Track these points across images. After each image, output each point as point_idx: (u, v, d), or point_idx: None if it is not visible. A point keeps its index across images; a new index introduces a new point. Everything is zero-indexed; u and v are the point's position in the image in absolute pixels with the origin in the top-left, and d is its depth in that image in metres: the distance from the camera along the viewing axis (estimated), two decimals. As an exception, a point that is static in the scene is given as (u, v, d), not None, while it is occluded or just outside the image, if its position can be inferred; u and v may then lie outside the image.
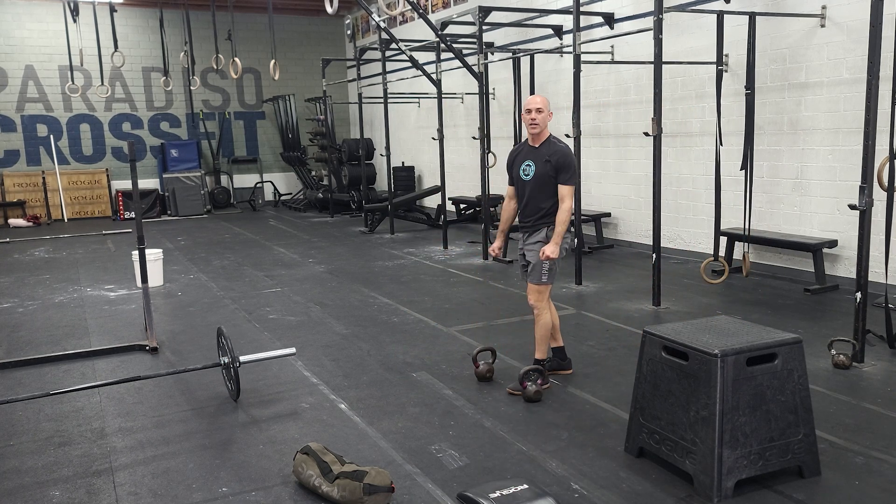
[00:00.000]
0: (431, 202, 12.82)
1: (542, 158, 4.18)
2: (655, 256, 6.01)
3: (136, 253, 6.75)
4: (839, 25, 6.31)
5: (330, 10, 7.48)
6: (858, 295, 4.49)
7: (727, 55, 7.13)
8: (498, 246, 4.47)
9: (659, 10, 5.70)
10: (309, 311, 6.32)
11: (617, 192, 9.04)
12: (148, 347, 5.26)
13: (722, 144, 6.87)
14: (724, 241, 7.09)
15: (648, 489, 3.05)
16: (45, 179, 14.00)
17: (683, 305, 6.10)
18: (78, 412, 4.11)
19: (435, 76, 9.21)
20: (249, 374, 4.58)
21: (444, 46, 8.52)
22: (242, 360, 4.17)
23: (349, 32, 15.96)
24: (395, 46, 9.74)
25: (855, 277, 4.56)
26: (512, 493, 2.66)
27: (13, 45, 13.76)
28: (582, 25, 6.72)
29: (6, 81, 13.81)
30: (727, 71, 7.19)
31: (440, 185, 9.64)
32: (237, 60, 9.26)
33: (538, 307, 4.26)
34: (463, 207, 11.85)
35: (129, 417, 4.02)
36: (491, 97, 10.98)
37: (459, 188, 12.31)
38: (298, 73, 16.10)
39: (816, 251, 6.37)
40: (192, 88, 14.55)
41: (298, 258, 9.04)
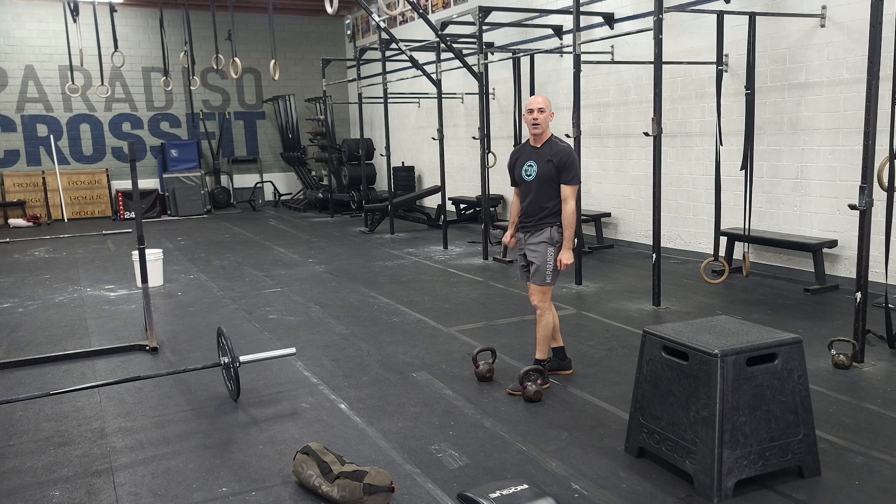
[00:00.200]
0: (431, 202, 12.82)
1: (544, 158, 4.17)
2: (655, 256, 6.01)
3: (136, 253, 6.75)
4: (839, 25, 6.31)
5: (330, 10, 7.48)
6: (858, 295, 4.49)
7: (727, 55, 7.13)
8: (511, 234, 4.48)
9: (659, 10, 5.70)
10: (309, 311, 6.32)
11: (617, 192, 9.04)
12: (148, 347, 5.26)
13: (722, 144, 6.87)
14: (724, 241, 7.09)
15: (648, 489, 3.05)
16: (45, 179, 14.00)
17: (683, 305, 6.10)
18: (78, 412, 4.11)
19: (435, 76, 9.21)
20: (249, 374, 4.58)
21: (444, 46, 8.52)
22: (242, 360, 4.17)
23: (349, 32, 15.97)
24: (395, 46, 9.74)
25: (855, 277, 4.56)
26: (512, 493, 2.66)
27: (13, 45, 13.76)
28: (582, 25, 6.72)
29: (6, 81, 13.82)
30: (727, 71, 7.19)
31: (440, 185, 9.64)
32: (237, 60, 9.26)
33: (542, 307, 4.27)
34: (463, 207, 11.85)
35: (129, 417, 4.03)
36: (491, 97, 10.98)
37: (459, 188, 12.31)
38: (298, 73, 16.10)
39: (816, 251, 6.37)
40: (192, 88, 14.56)
41: (298, 258, 9.04)
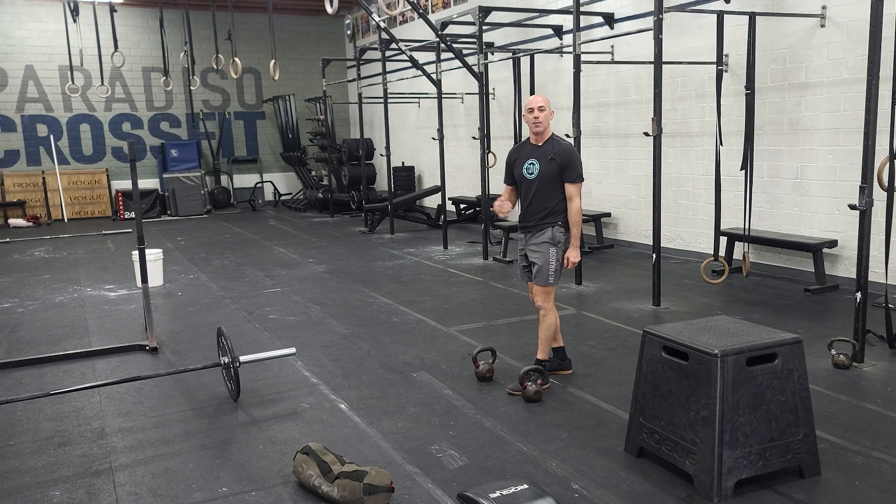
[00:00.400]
0: (431, 202, 12.82)
1: (546, 157, 4.17)
2: (655, 256, 6.01)
3: (136, 253, 6.75)
4: (839, 25, 6.31)
5: (330, 10, 7.48)
6: (858, 295, 4.49)
7: (727, 55, 7.13)
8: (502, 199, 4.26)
9: (659, 10, 5.70)
10: (309, 311, 6.32)
11: (617, 192, 9.04)
12: (148, 347, 5.26)
13: (722, 144, 6.87)
14: (724, 241, 7.09)
15: (648, 489, 3.05)
16: (45, 179, 14.00)
17: (683, 305, 6.10)
18: (78, 412, 4.11)
19: (435, 76, 9.21)
20: (249, 374, 4.58)
21: (444, 46, 8.52)
22: (242, 360, 4.17)
23: (349, 32, 15.97)
24: (395, 46, 9.74)
25: (855, 277, 4.56)
26: (512, 493, 2.66)
27: (13, 45, 13.76)
28: (582, 25, 6.72)
29: (6, 81, 13.82)
30: (727, 71, 7.19)
31: (440, 185, 9.64)
32: (237, 60, 9.26)
33: (545, 308, 4.26)
34: (463, 207, 11.84)
35: (129, 417, 4.03)
36: (491, 97, 10.98)
37: (459, 188, 12.31)
38: (298, 73, 16.10)
39: (816, 251, 6.37)
40: (192, 88, 14.56)
41: (298, 258, 9.04)
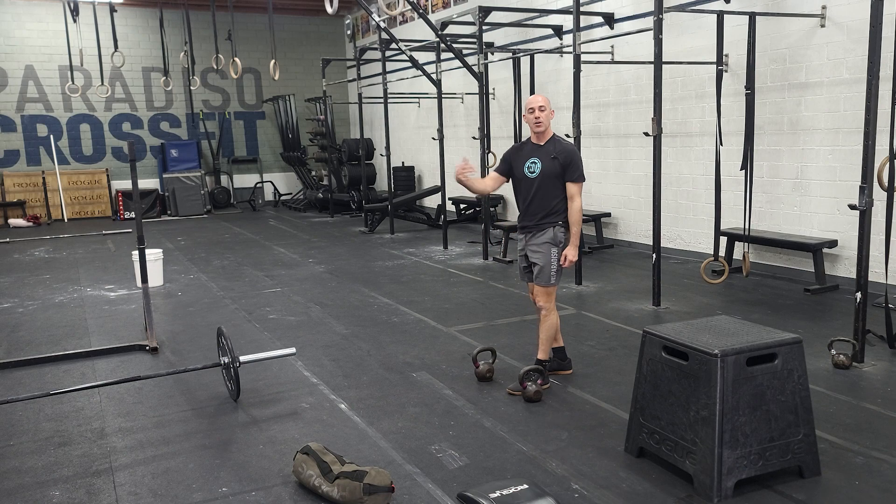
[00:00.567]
0: (431, 202, 12.82)
1: (548, 156, 4.17)
2: (655, 256, 6.01)
3: (136, 253, 6.75)
4: (839, 25, 6.31)
5: (330, 10, 7.48)
6: (858, 295, 4.49)
7: (727, 55, 7.13)
8: (463, 167, 4.31)
9: (659, 10, 5.70)
10: (309, 311, 6.31)
11: (617, 192, 9.04)
12: (148, 347, 5.26)
13: (722, 144, 6.87)
14: (724, 241, 7.09)
15: (648, 489, 3.05)
16: (45, 179, 14.00)
17: (683, 305, 6.10)
18: (78, 412, 4.11)
19: (435, 76, 9.21)
20: (249, 374, 4.58)
21: (444, 46, 8.52)
22: (242, 360, 4.17)
23: (349, 32, 15.97)
24: (395, 46, 9.74)
25: (855, 277, 4.56)
26: (512, 493, 2.66)
27: (13, 45, 13.76)
28: (582, 25, 6.72)
29: (6, 81, 13.81)
30: (727, 71, 7.19)
31: (440, 185, 9.64)
32: (237, 60, 9.26)
33: (547, 308, 4.27)
34: (463, 207, 11.85)
35: (129, 417, 4.03)
36: (491, 97, 10.98)
37: (459, 188, 12.27)
38: (298, 73, 16.10)
39: (816, 251, 6.37)
40: (192, 88, 14.56)
41: (298, 258, 9.04)
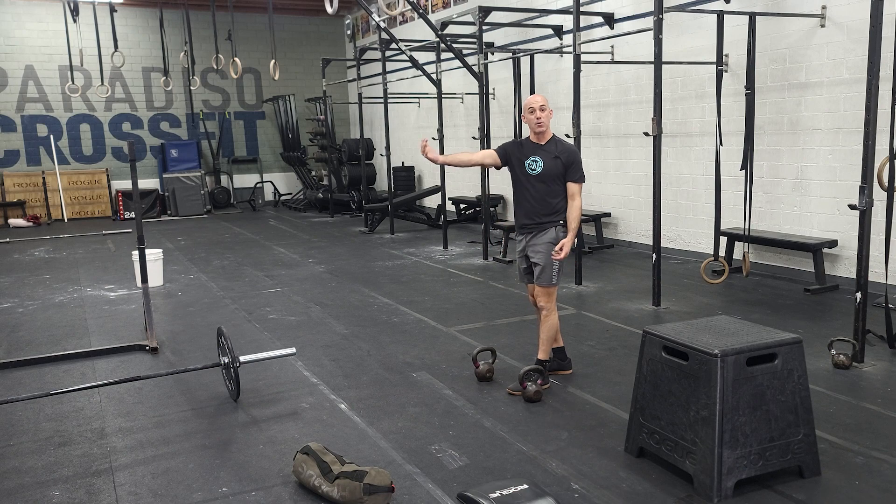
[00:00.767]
0: (431, 202, 12.82)
1: (550, 155, 4.18)
2: (655, 256, 6.01)
3: (136, 253, 6.75)
4: (839, 25, 6.31)
5: (330, 10, 7.48)
6: (858, 295, 4.49)
7: (727, 55, 7.13)
8: (427, 146, 4.15)
9: (659, 10, 5.70)
10: (309, 311, 6.31)
11: (617, 192, 9.04)
12: (148, 347, 5.26)
13: (722, 144, 6.87)
14: (724, 241, 7.09)
15: (648, 489, 3.05)
16: (45, 179, 14.00)
17: (683, 305, 6.10)
18: (78, 412, 4.11)
19: (435, 76, 9.21)
20: (249, 374, 4.58)
21: (444, 46, 8.52)
22: (242, 360, 4.17)
23: (349, 32, 15.97)
24: (395, 46, 9.74)
25: (855, 277, 4.56)
26: (512, 493, 2.66)
27: (13, 45, 13.76)
28: (582, 25, 6.72)
29: (6, 81, 13.81)
30: (727, 71, 7.19)
31: (440, 185, 9.64)
32: (237, 60, 9.26)
33: (548, 308, 4.27)
34: (463, 207, 11.85)
35: (129, 417, 4.03)
36: (491, 97, 10.97)
37: (459, 188, 12.31)
38: (298, 73, 16.10)
39: (816, 251, 6.37)
40: (192, 88, 14.56)
41: (298, 258, 9.04)
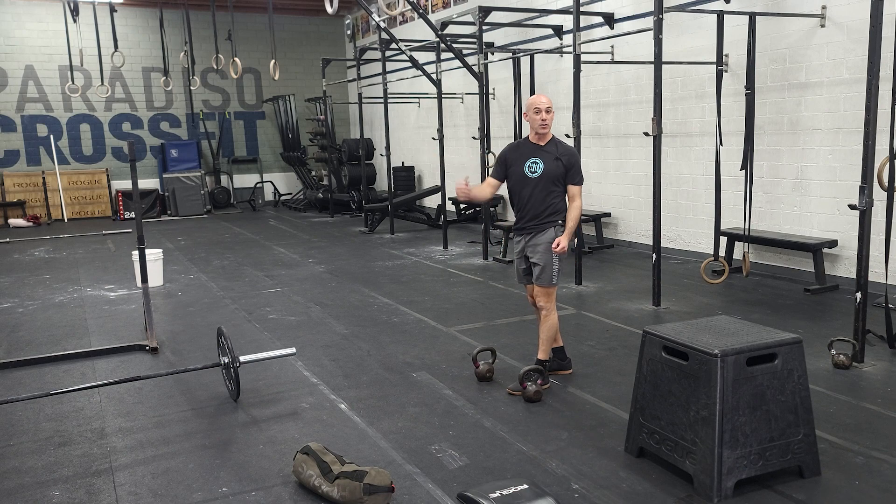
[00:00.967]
0: (431, 202, 12.81)
1: (551, 156, 4.19)
2: (655, 256, 6.01)
3: (136, 253, 6.75)
4: (839, 25, 6.31)
5: (330, 10, 7.48)
6: (858, 295, 4.49)
7: (727, 55, 7.13)
8: (465, 182, 4.21)
9: (659, 10, 5.70)
10: (309, 311, 6.31)
11: (617, 192, 9.04)
12: (148, 347, 5.26)
13: (722, 144, 6.87)
14: (724, 241, 7.09)
15: (648, 489, 3.05)
16: (45, 179, 14.00)
17: (683, 305, 6.10)
18: (78, 412, 4.11)
19: (435, 76, 9.21)
20: (249, 374, 4.58)
21: (444, 46, 8.52)
22: (242, 360, 4.17)
23: (349, 32, 15.97)
24: (395, 46, 9.74)
25: (855, 277, 4.56)
26: (512, 493, 2.66)
27: (13, 45, 13.76)
28: (582, 25, 6.72)
29: (6, 81, 13.81)
30: (727, 71, 7.19)
31: (440, 185, 9.64)
32: (237, 60, 9.26)
33: (548, 308, 4.27)
34: (463, 207, 11.84)
35: (129, 417, 4.03)
36: (491, 97, 10.98)
37: (459, 188, 12.29)
38: (298, 73, 16.10)
39: (816, 251, 6.37)
40: (192, 88, 14.56)
41: (298, 258, 9.04)
